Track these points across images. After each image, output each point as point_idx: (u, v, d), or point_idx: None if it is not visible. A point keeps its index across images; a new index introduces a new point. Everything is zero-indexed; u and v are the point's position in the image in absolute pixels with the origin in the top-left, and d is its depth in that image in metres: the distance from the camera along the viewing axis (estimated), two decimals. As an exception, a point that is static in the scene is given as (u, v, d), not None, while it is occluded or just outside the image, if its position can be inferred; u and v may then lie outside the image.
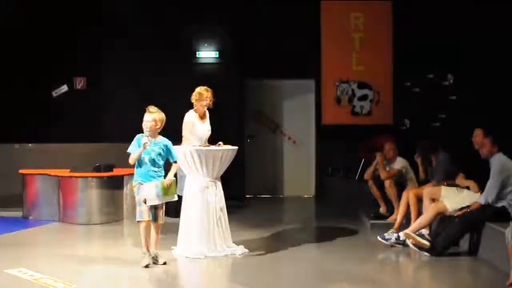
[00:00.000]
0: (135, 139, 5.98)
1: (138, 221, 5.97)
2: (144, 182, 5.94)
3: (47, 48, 11.09)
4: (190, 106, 6.98)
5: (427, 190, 7.17)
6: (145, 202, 5.91)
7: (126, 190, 8.82)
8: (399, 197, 7.87)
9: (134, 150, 5.94)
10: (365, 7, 11.53)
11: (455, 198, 6.88)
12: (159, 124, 6.00)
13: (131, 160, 5.95)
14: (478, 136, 6.95)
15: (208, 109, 7.00)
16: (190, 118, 6.83)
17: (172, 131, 6.49)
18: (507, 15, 10.70)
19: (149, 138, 5.93)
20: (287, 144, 11.91)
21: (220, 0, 11.27)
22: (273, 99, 11.88)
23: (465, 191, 6.99)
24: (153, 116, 5.97)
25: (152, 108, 6.04)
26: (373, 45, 11.44)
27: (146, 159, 5.97)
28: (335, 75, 11.55)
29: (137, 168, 6.01)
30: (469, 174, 7.22)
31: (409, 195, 7.49)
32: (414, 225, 6.92)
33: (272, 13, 11.38)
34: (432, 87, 11.34)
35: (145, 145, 5.86)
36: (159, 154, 6.02)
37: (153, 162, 5.99)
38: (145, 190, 5.93)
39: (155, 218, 5.99)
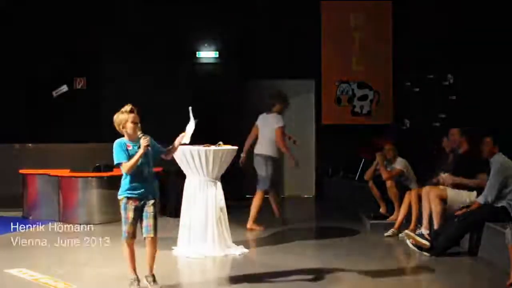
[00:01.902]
0: (117, 146, 5.12)
1: (123, 241, 5.21)
2: (132, 195, 5.14)
3: (47, 48, 11.10)
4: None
5: (426, 190, 7.18)
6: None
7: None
8: (399, 197, 7.88)
9: (124, 157, 5.09)
10: (365, 7, 11.53)
11: (454, 192, 6.97)
12: None
13: (129, 169, 5.07)
14: (454, 135, 7.10)
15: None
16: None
17: (172, 130, 6.48)
18: (507, 14, 10.71)
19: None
20: (287, 144, 11.87)
21: (220, 0, 11.28)
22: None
23: (464, 191, 7.02)
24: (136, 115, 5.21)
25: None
26: (373, 45, 11.44)
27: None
28: (335, 75, 11.54)
29: (127, 178, 5.16)
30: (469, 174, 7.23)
31: (411, 194, 7.51)
32: (435, 222, 6.87)
33: (272, 13, 11.38)
34: (432, 87, 11.34)
35: (147, 146, 5.10)
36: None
37: (148, 163, 5.21)
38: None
39: (148, 231, 5.17)
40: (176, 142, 5.49)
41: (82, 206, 8.53)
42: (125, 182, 5.18)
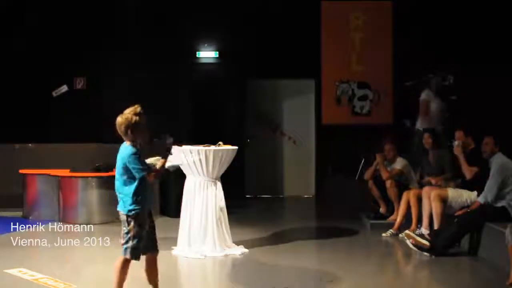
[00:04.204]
0: (136, 154, 4.65)
1: (128, 259, 4.69)
2: (145, 206, 4.67)
3: (47, 48, 11.10)
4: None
5: (426, 190, 7.19)
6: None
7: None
8: (399, 197, 7.89)
9: (145, 164, 4.64)
10: (365, 7, 11.53)
11: (455, 192, 6.99)
12: None
13: (158, 176, 4.65)
14: (460, 137, 7.13)
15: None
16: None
17: (172, 130, 6.48)
18: (508, 14, 10.71)
19: None
20: (287, 144, 11.91)
21: (220, 0, 11.28)
22: (273, 99, 11.88)
23: (464, 191, 7.03)
24: None
25: None
26: (373, 45, 11.45)
27: None
28: (335, 75, 11.55)
29: (138, 188, 4.67)
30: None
31: (409, 195, 7.53)
32: (435, 222, 6.89)
33: (272, 13, 11.38)
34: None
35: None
36: None
37: None
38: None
39: (154, 246, 4.81)
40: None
41: (82, 206, 8.53)
42: (137, 193, 4.64)
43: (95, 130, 10.99)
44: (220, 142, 6.79)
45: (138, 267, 5.97)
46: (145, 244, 4.66)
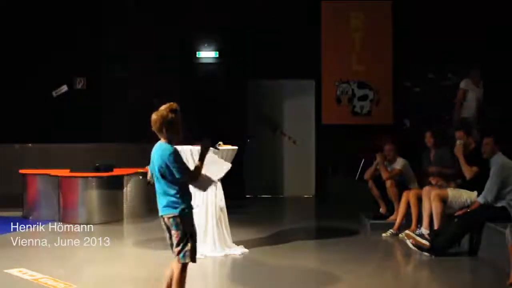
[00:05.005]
0: (175, 153, 4.30)
1: (185, 265, 4.38)
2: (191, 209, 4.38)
3: (47, 48, 11.10)
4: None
5: (426, 190, 7.19)
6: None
7: (126, 190, 8.82)
8: (399, 197, 7.89)
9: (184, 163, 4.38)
10: (365, 7, 11.53)
11: (455, 192, 6.99)
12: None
13: (198, 175, 4.39)
14: (462, 137, 7.14)
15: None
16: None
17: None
18: (508, 14, 10.71)
19: None
20: (287, 144, 11.91)
21: (220, 0, 11.28)
22: (273, 99, 11.88)
23: (464, 191, 7.03)
24: None
25: None
26: (373, 45, 11.44)
27: None
28: (335, 75, 11.55)
29: (186, 188, 4.37)
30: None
31: (409, 195, 7.53)
32: (435, 222, 6.90)
33: (272, 13, 11.38)
34: (432, 87, 11.33)
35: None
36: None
37: None
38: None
39: None
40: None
41: (82, 206, 8.53)
42: (183, 191, 4.33)
43: (95, 130, 11.01)
44: (220, 142, 6.77)
45: (138, 266, 5.99)
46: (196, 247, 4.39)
